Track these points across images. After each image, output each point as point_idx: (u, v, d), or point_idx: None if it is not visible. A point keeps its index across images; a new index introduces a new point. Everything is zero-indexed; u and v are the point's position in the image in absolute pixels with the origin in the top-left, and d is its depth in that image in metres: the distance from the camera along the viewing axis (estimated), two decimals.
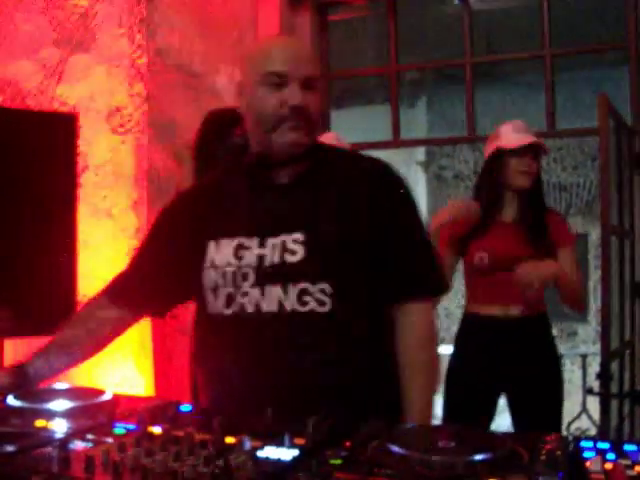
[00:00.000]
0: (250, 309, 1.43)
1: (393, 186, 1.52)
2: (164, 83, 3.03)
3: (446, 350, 2.50)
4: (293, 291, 1.40)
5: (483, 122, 3.72)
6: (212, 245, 1.49)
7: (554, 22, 3.50)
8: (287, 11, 3.69)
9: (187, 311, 2.70)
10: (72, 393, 1.38)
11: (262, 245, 1.45)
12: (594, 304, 9.42)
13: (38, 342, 3.00)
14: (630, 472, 0.96)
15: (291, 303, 1.40)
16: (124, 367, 2.94)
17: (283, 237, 1.43)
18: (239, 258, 1.45)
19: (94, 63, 3.05)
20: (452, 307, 7.85)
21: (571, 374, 7.85)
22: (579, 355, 6.53)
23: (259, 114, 1.45)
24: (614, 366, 3.14)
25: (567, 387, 2.80)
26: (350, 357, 1.42)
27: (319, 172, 1.50)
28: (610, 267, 3.06)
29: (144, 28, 2.97)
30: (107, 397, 1.35)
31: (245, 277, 1.44)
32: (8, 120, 2.50)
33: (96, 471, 0.95)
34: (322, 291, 1.40)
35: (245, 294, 1.44)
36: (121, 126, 3.01)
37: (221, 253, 1.47)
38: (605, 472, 0.96)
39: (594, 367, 3.06)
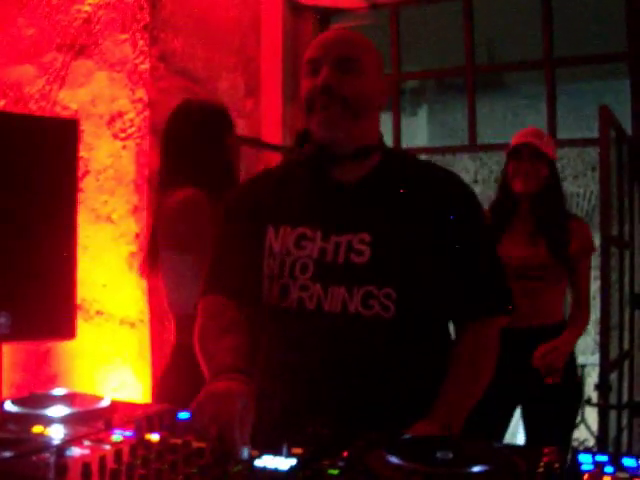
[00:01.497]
0: (311, 306, 1.39)
1: (466, 200, 1.48)
2: (166, 89, 3.03)
3: None
4: (358, 293, 1.37)
5: (484, 131, 3.73)
6: (271, 231, 1.45)
7: (556, 33, 3.51)
8: (290, 19, 3.71)
9: None
10: (70, 399, 1.38)
11: (325, 239, 1.41)
12: (593, 314, 9.41)
13: (35, 347, 3.01)
14: None
15: (355, 305, 1.37)
16: (123, 372, 2.93)
17: (348, 236, 1.40)
18: (300, 247, 1.41)
19: (96, 68, 3.05)
20: None
21: None
22: (578, 365, 6.51)
23: (302, 101, 1.43)
24: (613, 377, 3.13)
25: None
26: (408, 367, 1.39)
27: (387, 173, 1.46)
28: (609, 277, 3.06)
29: (147, 34, 2.98)
30: (105, 403, 1.35)
31: (304, 269, 1.40)
32: (10, 124, 2.51)
33: (92, 478, 0.95)
34: (387, 296, 1.36)
35: (304, 288, 1.40)
36: (122, 131, 3.01)
37: (281, 240, 1.43)
38: None
39: (593, 377, 3.05)
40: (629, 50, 3.37)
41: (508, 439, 2.82)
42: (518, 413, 2.64)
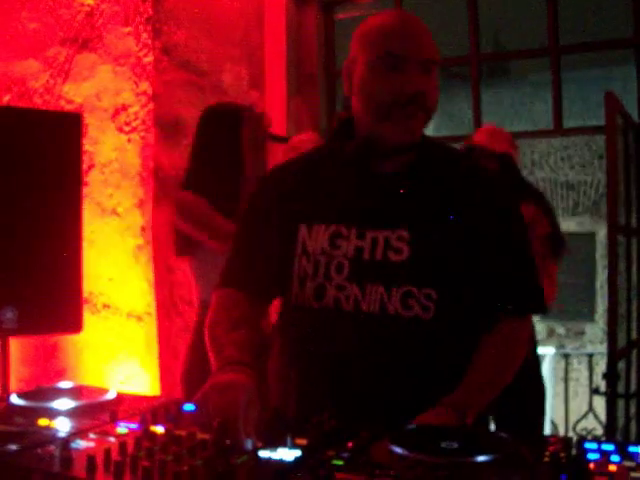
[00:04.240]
0: (348, 307, 1.35)
1: (506, 199, 1.44)
2: (170, 82, 3.03)
3: None
4: (397, 293, 1.33)
5: (491, 120, 3.70)
6: (304, 229, 1.40)
7: (562, 21, 3.48)
8: (293, 9, 3.69)
9: (192, 309, 2.71)
10: (76, 392, 1.38)
11: (361, 237, 1.36)
12: (601, 304, 9.37)
13: (43, 340, 3.02)
14: (635, 474, 0.96)
15: (394, 306, 1.33)
16: (130, 364, 2.94)
17: (386, 232, 1.35)
18: (335, 247, 1.37)
19: (100, 62, 3.05)
20: None
21: (578, 373, 7.82)
22: (586, 354, 6.51)
23: (372, 99, 1.34)
24: (621, 366, 3.12)
25: (574, 386, 2.81)
26: (446, 369, 1.35)
27: (425, 166, 1.41)
28: (617, 266, 3.05)
29: (150, 27, 2.97)
30: (110, 396, 1.35)
31: (339, 268, 1.36)
32: (14, 119, 2.51)
33: (97, 471, 0.95)
34: (427, 296, 1.32)
35: (341, 288, 1.35)
36: (127, 124, 3.01)
37: (314, 240, 1.39)
38: (609, 474, 0.95)
39: (601, 366, 3.04)
40: (635, 36, 3.34)
41: None
42: None
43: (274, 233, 1.44)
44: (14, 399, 1.31)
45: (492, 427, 2.59)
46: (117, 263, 2.99)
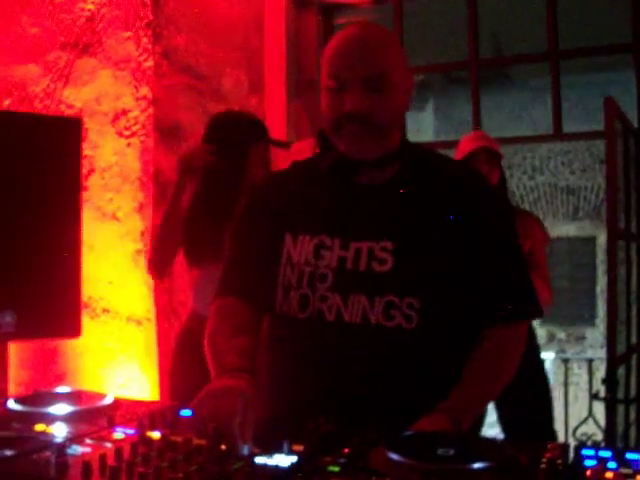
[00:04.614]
0: (330, 317, 1.35)
1: (493, 203, 1.44)
2: (170, 86, 3.03)
3: None
4: (379, 303, 1.33)
5: (491, 125, 3.71)
6: (289, 239, 1.42)
7: (561, 25, 3.49)
8: (293, 14, 3.69)
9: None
10: (73, 397, 1.38)
11: (344, 247, 1.37)
12: (601, 309, 9.36)
13: (42, 345, 3.02)
14: None
15: (376, 316, 1.33)
16: (129, 369, 2.94)
17: (369, 243, 1.35)
18: (319, 258, 1.38)
19: (100, 66, 3.06)
20: None
21: (578, 378, 7.81)
22: (586, 359, 6.50)
23: (325, 117, 1.39)
24: (621, 371, 3.12)
25: (574, 391, 2.82)
26: (432, 377, 1.35)
27: (409, 176, 1.41)
28: (617, 271, 3.05)
29: (150, 31, 2.98)
30: (108, 401, 1.35)
31: (323, 279, 1.36)
32: (13, 123, 2.51)
33: (92, 477, 0.95)
34: (410, 306, 1.32)
35: (323, 298, 1.36)
36: (127, 129, 3.01)
37: (299, 250, 1.40)
38: None
39: (601, 371, 3.04)
40: (634, 41, 3.35)
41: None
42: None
43: (263, 243, 1.45)
44: (11, 404, 1.31)
45: (500, 434, 2.60)
46: (117, 267, 2.98)
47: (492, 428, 2.68)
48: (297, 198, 1.46)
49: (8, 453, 1.05)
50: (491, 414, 2.62)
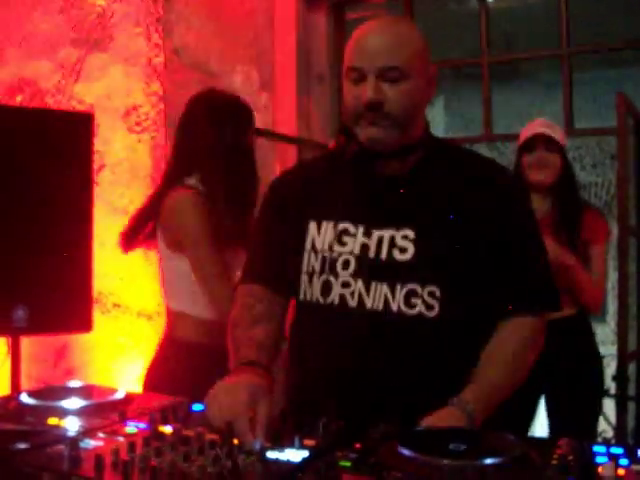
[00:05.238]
0: (352, 303, 1.37)
1: (514, 195, 1.45)
2: (180, 82, 3.04)
3: None
4: (401, 291, 1.34)
5: (502, 122, 3.70)
6: (313, 226, 1.44)
7: (573, 21, 3.47)
8: (304, 10, 3.68)
9: None
10: (85, 391, 1.39)
11: (367, 235, 1.39)
12: (612, 305, 9.32)
13: (53, 340, 3.03)
14: None
15: (398, 304, 1.34)
16: (140, 363, 2.96)
17: (391, 231, 1.37)
18: (342, 244, 1.40)
19: (111, 62, 3.07)
20: None
21: None
22: (601, 356, 6.45)
23: (345, 108, 1.40)
24: (632, 368, 3.10)
25: None
26: (452, 365, 1.35)
27: (432, 166, 1.43)
28: (628, 267, 3.03)
29: (161, 27, 2.99)
30: (119, 395, 1.36)
31: (346, 265, 1.38)
32: (26, 119, 2.53)
33: (105, 470, 0.96)
34: (431, 294, 1.33)
35: (346, 285, 1.38)
36: (137, 125, 3.02)
37: (323, 236, 1.42)
38: (617, 478, 0.95)
39: (612, 368, 3.02)
40: None
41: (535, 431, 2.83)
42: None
43: (288, 230, 1.47)
44: (24, 398, 1.32)
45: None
46: (127, 263, 3.00)
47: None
48: (321, 187, 1.48)
49: (21, 446, 1.06)
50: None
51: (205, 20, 3.16)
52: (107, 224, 2.99)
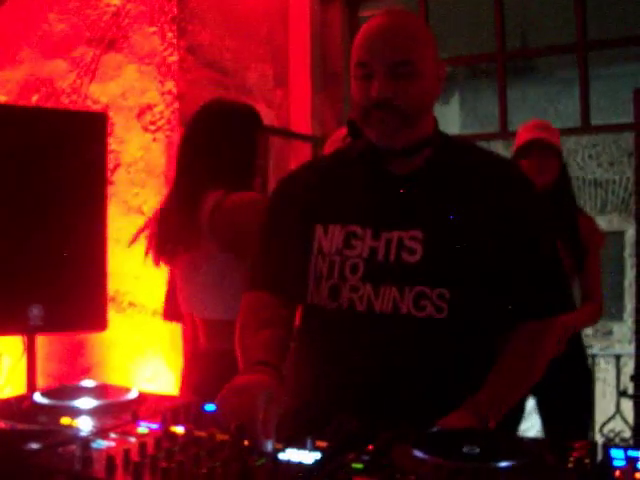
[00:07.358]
0: (361, 307, 1.35)
1: (527, 196, 1.41)
2: (195, 81, 3.04)
3: None
4: (410, 293, 1.33)
5: (518, 118, 3.66)
6: (320, 230, 1.41)
7: (589, 16, 3.43)
8: (318, 7, 3.68)
9: None
10: (98, 391, 1.39)
11: (375, 237, 1.36)
12: (629, 303, 9.23)
13: (70, 338, 3.05)
14: None
15: (407, 306, 1.33)
16: (155, 362, 2.96)
17: (399, 233, 1.35)
18: (350, 247, 1.38)
19: (126, 61, 3.07)
20: None
21: (605, 374, 7.72)
22: (614, 355, 6.41)
23: (355, 105, 1.38)
24: None
25: (601, 387, 2.78)
26: (462, 368, 1.34)
27: (440, 165, 1.40)
28: None
29: (175, 26, 2.99)
30: (132, 395, 1.36)
31: (354, 269, 1.37)
32: (41, 119, 2.54)
33: (116, 471, 0.95)
34: (440, 296, 1.32)
35: (355, 289, 1.36)
36: (152, 124, 3.02)
37: (330, 240, 1.40)
38: None
39: (629, 367, 2.98)
40: None
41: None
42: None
43: (294, 234, 1.45)
44: (37, 397, 1.32)
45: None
46: (143, 261, 3.00)
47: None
48: (327, 189, 1.46)
49: (34, 446, 1.06)
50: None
51: (219, 18, 3.16)
52: (123, 223, 3.00)
